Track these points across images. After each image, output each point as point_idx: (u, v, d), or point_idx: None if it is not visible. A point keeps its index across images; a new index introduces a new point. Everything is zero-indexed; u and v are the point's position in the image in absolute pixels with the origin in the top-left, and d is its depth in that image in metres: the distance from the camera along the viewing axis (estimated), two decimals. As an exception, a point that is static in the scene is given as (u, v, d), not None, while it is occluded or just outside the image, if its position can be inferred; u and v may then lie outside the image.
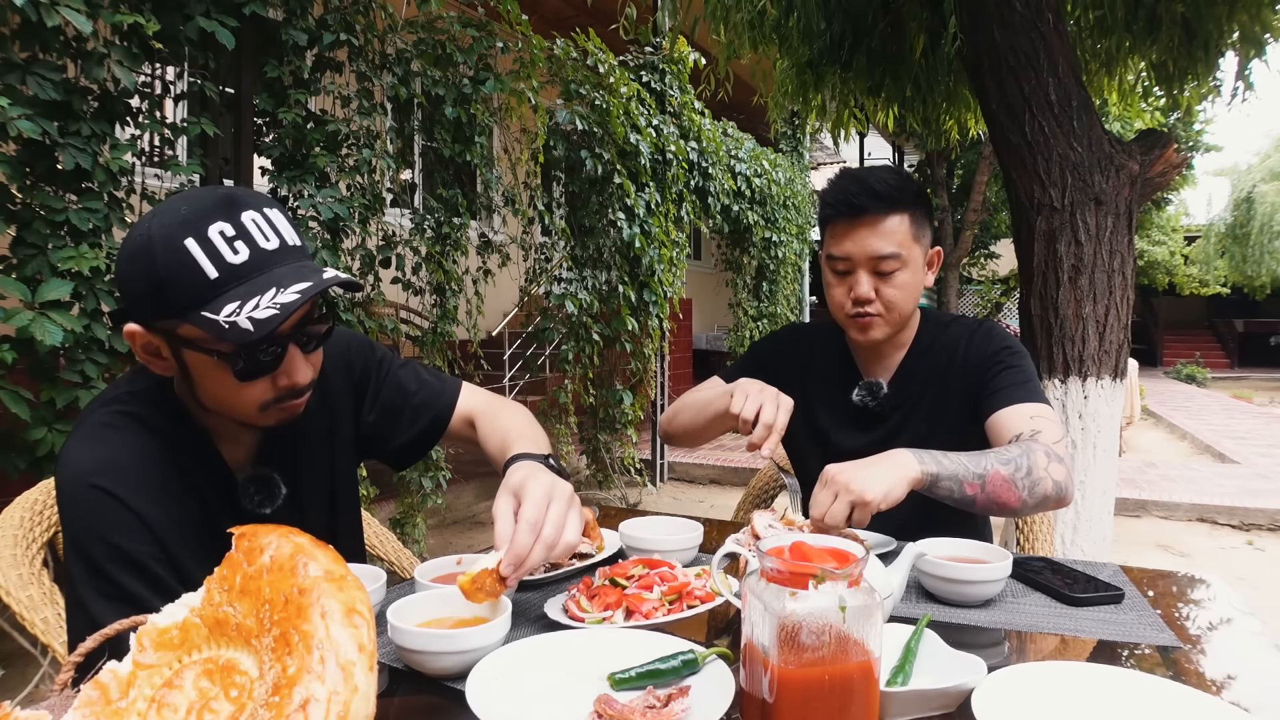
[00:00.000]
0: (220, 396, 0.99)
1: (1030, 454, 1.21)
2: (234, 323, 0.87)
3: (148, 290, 0.92)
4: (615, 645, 0.85)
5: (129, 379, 1.08)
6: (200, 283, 0.90)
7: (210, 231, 0.90)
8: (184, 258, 0.89)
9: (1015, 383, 1.40)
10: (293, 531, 0.70)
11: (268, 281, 0.91)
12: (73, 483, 0.95)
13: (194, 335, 0.93)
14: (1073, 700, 0.75)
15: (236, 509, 1.08)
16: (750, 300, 8.06)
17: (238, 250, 0.91)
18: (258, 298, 0.89)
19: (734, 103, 6.09)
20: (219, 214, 0.92)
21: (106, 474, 0.94)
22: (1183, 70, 2.97)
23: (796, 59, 3.47)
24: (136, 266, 0.92)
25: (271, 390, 0.99)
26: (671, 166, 5.39)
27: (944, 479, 1.15)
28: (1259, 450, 7.29)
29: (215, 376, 0.96)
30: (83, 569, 0.93)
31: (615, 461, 5.39)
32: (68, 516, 0.96)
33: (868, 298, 1.41)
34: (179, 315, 0.91)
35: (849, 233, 1.40)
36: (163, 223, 0.91)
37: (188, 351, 0.95)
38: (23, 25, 2.05)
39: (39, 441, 2.13)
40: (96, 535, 0.93)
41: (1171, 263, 18.13)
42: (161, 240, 0.90)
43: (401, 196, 3.67)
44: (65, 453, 0.98)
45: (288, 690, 0.56)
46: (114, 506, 0.94)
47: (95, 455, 0.96)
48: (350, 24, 3.03)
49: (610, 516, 1.46)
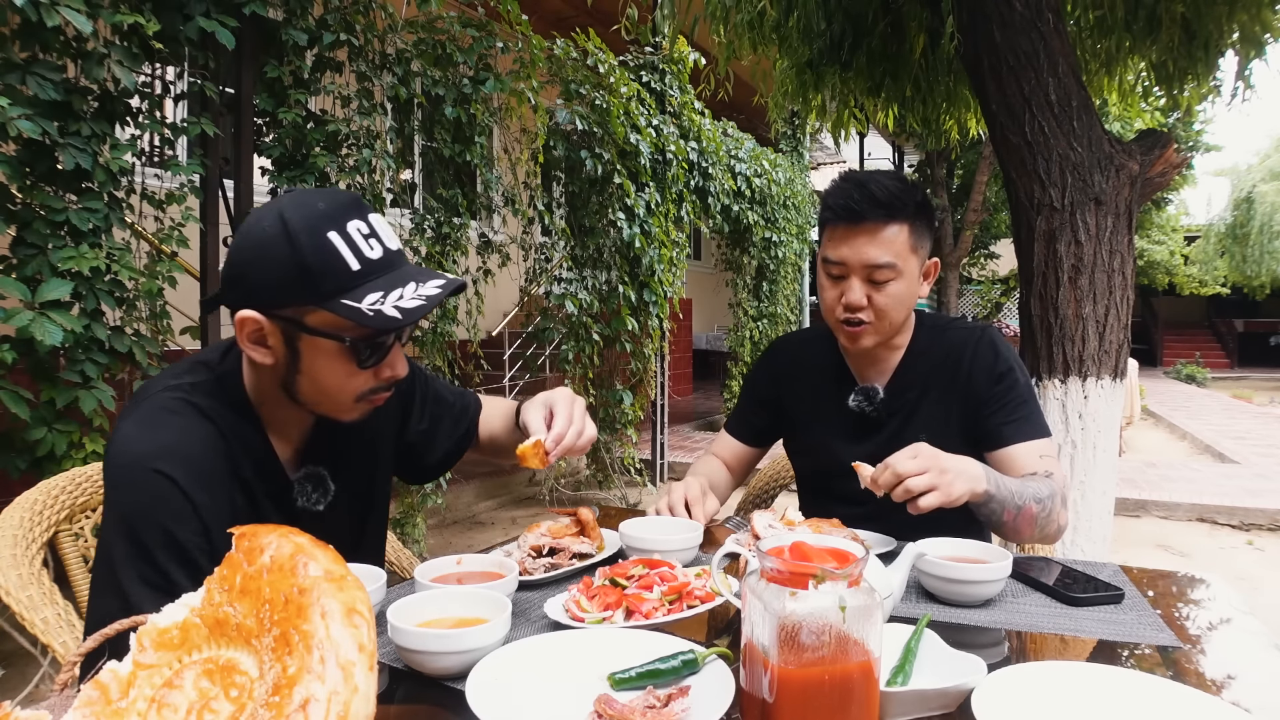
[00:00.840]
0: (325, 384, 1.03)
1: (1054, 498, 1.30)
2: (379, 310, 0.93)
3: (287, 277, 0.95)
4: (615, 645, 0.85)
5: (187, 369, 1.08)
6: (344, 272, 0.95)
7: (349, 227, 0.96)
8: (330, 248, 0.95)
9: (1023, 416, 1.41)
10: (293, 531, 0.70)
11: (402, 277, 0.98)
12: (133, 465, 0.95)
13: (324, 321, 0.97)
14: (1073, 700, 0.75)
15: (283, 505, 1.09)
16: (750, 300, 8.05)
17: (373, 247, 0.97)
18: (400, 289, 0.96)
19: (734, 103, 6.09)
20: (354, 212, 0.98)
21: (168, 459, 0.95)
22: (1183, 70, 2.97)
23: (796, 59, 3.47)
24: (273, 254, 0.95)
25: (373, 380, 1.04)
26: (671, 166, 5.38)
27: (994, 500, 1.22)
28: (1259, 450, 7.29)
29: (329, 364, 1.00)
30: (129, 552, 0.93)
31: (615, 461, 5.38)
32: (122, 498, 0.95)
33: (859, 305, 1.40)
34: (319, 301, 0.95)
35: (847, 238, 1.39)
36: (303, 215, 0.96)
37: (305, 338, 0.99)
38: (23, 25, 2.05)
39: (39, 441, 2.13)
40: (152, 521, 0.93)
41: (1171, 263, 18.14)
42: (305, 231, 0.95)
43: (401, 196, 3.67)
44: (123, 433, 0.99)
45: (288, 690, 0.56)
46: (173, 493, 0.94)
47: (157, 439, 0.97)
48: (350, 24, 3.03)
49: (610, 516, 1.46)
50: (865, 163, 13.98)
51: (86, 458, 2.19)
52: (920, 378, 1.49)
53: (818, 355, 1.59)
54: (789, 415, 1.61)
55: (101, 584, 0.96)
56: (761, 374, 1.68)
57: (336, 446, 1.17)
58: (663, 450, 6.41)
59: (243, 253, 0.98)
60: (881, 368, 1.52)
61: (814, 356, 1.59)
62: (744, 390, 1.73)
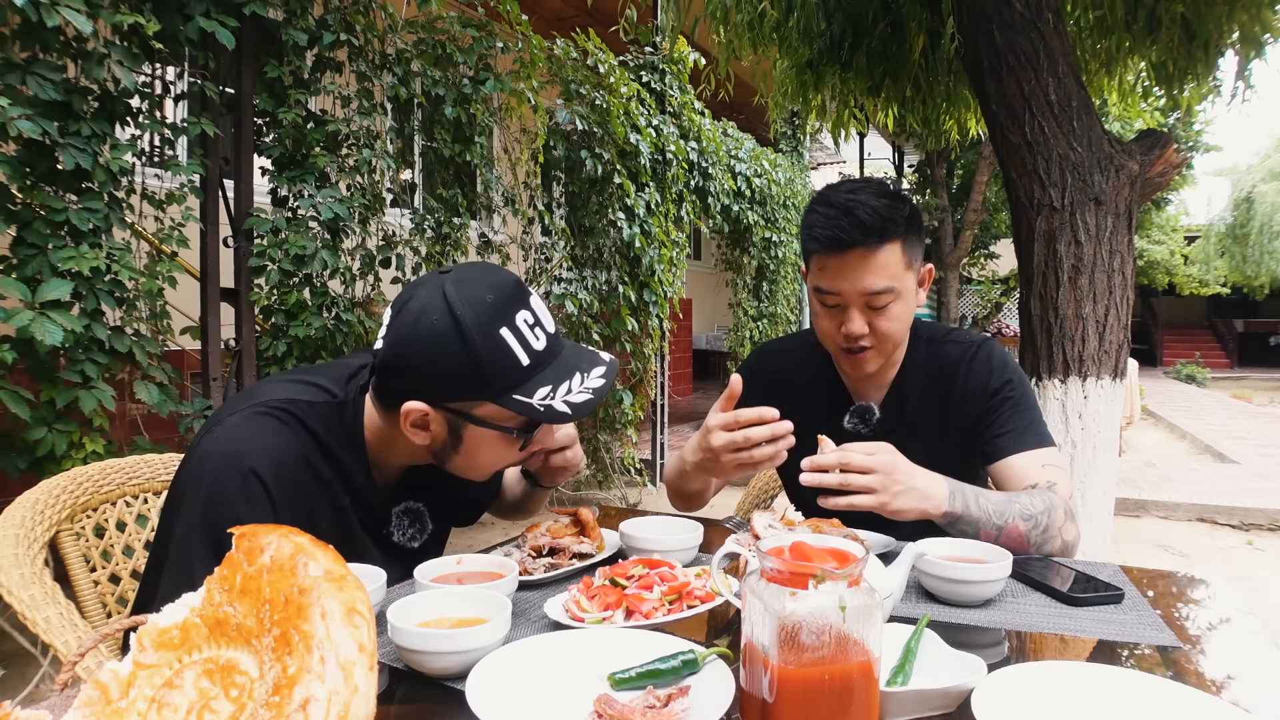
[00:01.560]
0: (481, 463, 1.06)
1: (1051, 513, 1.24)
2: (549, 405, 0.97)
3: (461, 374, 0.97)
4: (615, 645, 0.85)
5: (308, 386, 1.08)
6: (516, 369, 0.98)
7: (518, 320, 0.98)
8: (502, 346, 0.97)
9: (1022, 425, 1.36)
10: (293, 531, 0.70)
11: (568, 366, 1.01)
12: (229, 460, 0.96)
13: (493, 415, 1.00)
14: (1073, 700, 0.75)
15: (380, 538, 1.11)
16: (750, 300, 8.05)
17: (538, 337, 1.00)
18: (567, 382, 0.99)
19: (734, 103, 6.09)
20: (519, 302, 1.00)
21: (265, 463, 0.96)
22: (1183, 70, 2.97)
23: (796, 59, 3.47)
24: (446, 350, 0.96)
25: (520, 454, 1.08)
26: (671, 166, 5.38)
27: (963, 522, 1.19)
28: (1259, 450, 7.29)
29: (491, 448, 1.04)
30: (204, 544, 0.93)
31: (615, 461, 5.38)
32: (209, 490, 0.95)
33: (861, 334, 1.33)
34: (491, 398, 0.98)
35: (838, 269, 1.31)
36: (474, 312, 0.96)
37: (470, 427, 1.01)
38: (23, 25, 2.05)
39: (39, 441, 2.13)
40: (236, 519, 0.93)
41: (1171, 263, 18.13)
42: (478, 330, 0.96)
43: (401, 196, 3.67)
44: (224, 430, 0.99)
45: (288, 690, 0.56)
46: (262, 496, 0.95)
47: (258, 443, 0.98)
48: (350, 24, 3.03)
49: (610, 516, 1.46)
50: (865, 163, 13.97)
51: (86, 458, 2.19)
52: (916, 394, 1.44)
53: (811, 371, 1.51)
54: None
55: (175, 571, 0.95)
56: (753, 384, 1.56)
57: (433, 484, 1.18)
58: (663, 450, 6.41)
59: (414, 345, 0.98)
60: (877, 383, 1.47)
61: (807, 372, 1.52)
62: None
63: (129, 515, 1.36)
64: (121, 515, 1.35)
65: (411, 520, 1.13)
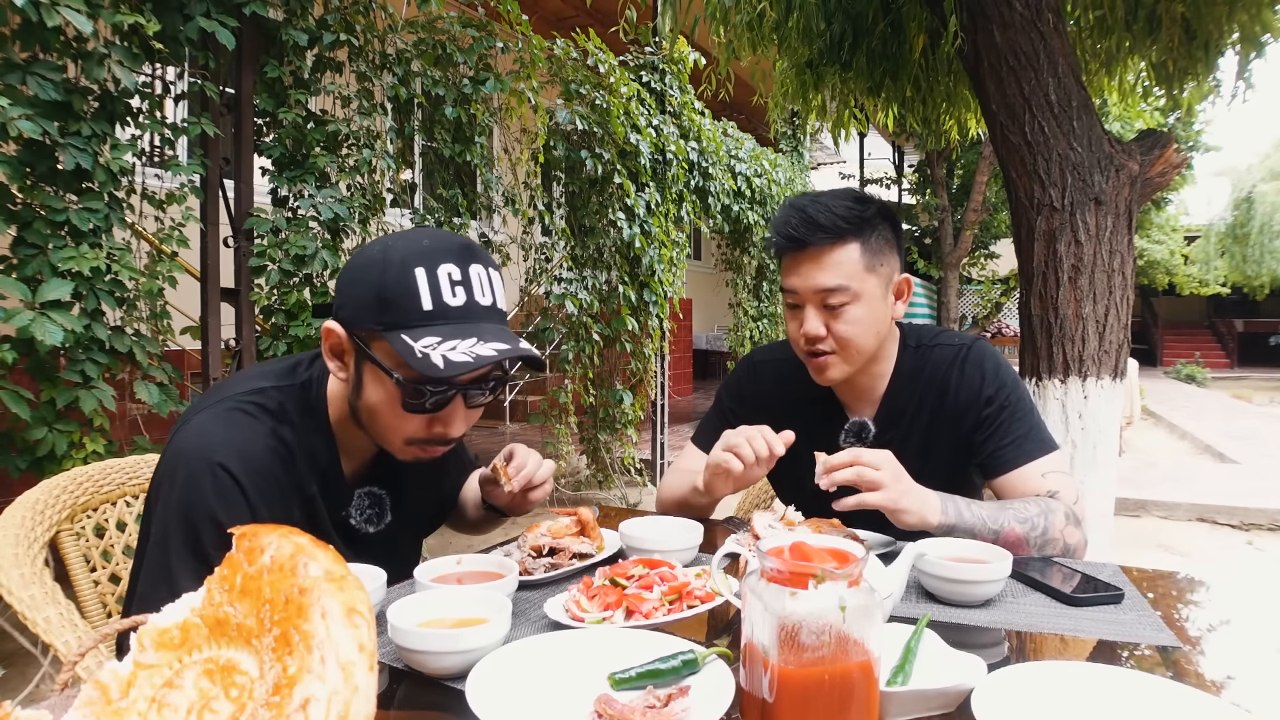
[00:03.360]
0: (378, 417, 1.03)
1: (1049, 515, 1.24)
2: (427, 354, 0.93)
3: (367, 299, 0.97)
4: (615, 645, 0.85)
5: (277, 372, 1.10)
6: (414, 310, 0.95)
7: (440, 269, 0.97)
8: (410, 282, 0.95)
9: (1019, 435, 1.34)
10: (293, 532, 0.70)
11: (471, 331, 0.97)
12: (199, 457, 0.96)
13: (384, 353, 0.98)
14: (1073, 700, 0.75)
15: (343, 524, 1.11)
16: (750, 300, 8.05)
17: (456, 295, 0.97)
18: (458, 341, 0.95)
19: (734, 103, 6.10)
20: (454, 257, 0.98)
21: (235, 459, 0.97)
22: (1183, 70, 2.97)
23: (796, 59, 3.47)
24: (366, 275, 0.98)
25: (424, 431, 1.03)
26: (671, 166, 5.38)
27: (959, 530, 1.20)
28: (1259, 450, 7.29)
29: (383, 399, 1.01)
30: (182, 544, 0.94)
31: (615, 461, 5.38)
32: (181, 489, 0.96)
33: (817, 335, 1.33)
34: (382, 330, 0.96)
35: (794, 266, 1.34)
36: (404, 246, 0.98)
37: (369, 366, 0.99)
38: (23, 25, 2.05)
39: (39, 441, 2.13)
40: (210, 516, 0.94)
41: (1171, 262, 18.13)
42: (398, 261, 0.96)
43: (401, 196, 3.67)
44: (193, 427, 1.00)
45: (288, 690, 0.56)
46: (234, 491, 0.96)
47: (227, 438, 0.98)
48: (350, 24, 3.03)
49: (610, 516, 1.46)
50: (865, 163, 13.98)
51: (87, 458, 2.19)
52: (910, 404, 1.42)
53: (804, 384, 1.47)
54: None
55: (153, 573, 0.96)
56: (746, 394, 1.58)
57: (400, 472, 1.18)
58: (663, 450, 6.41)
59: (349, 268, 1.01)
60: (870, 397, 1.45)
61: (800, 385, 1.48)
62: (722, 406, 1.60)
63: (129, 515, 1.36)
64: (122, 515, 1.35)
65: (371, 503, 1.13)
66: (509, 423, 7.30)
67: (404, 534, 1.23)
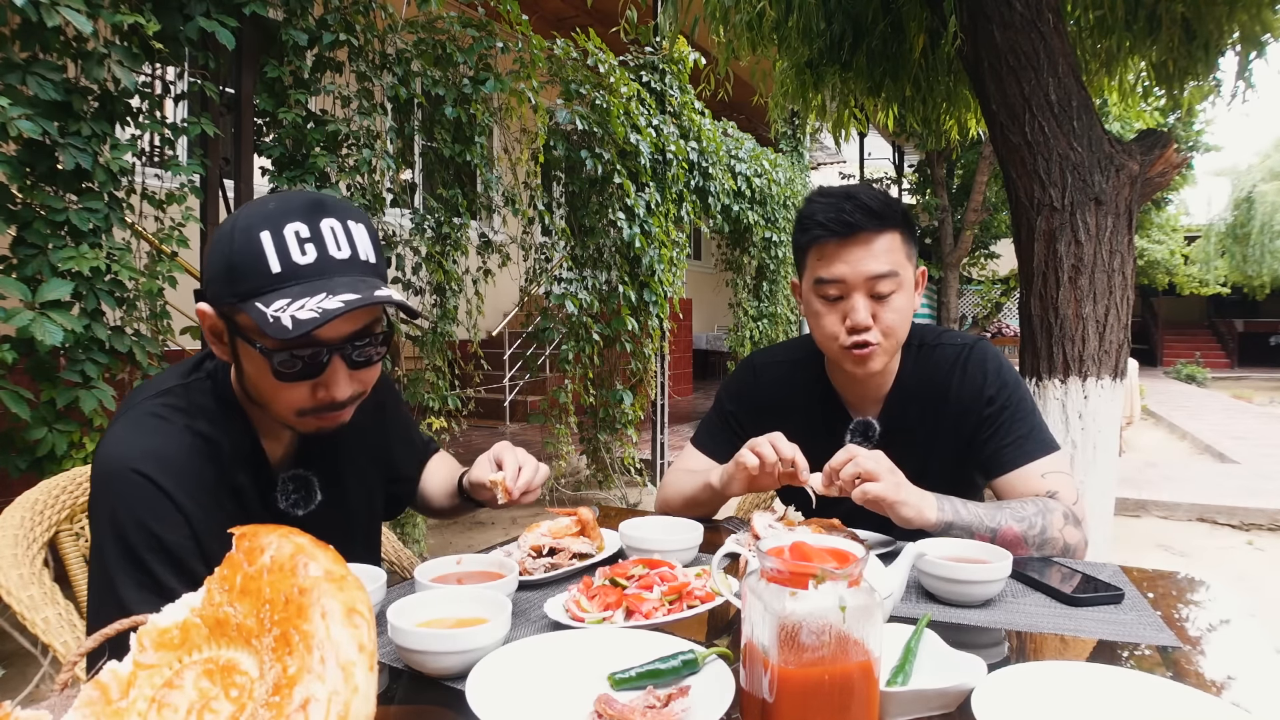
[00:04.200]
0: (262, 391, 1.01)
1: (1047, 514, 1.24)
2: (278, 318, 0.89)
3: (220, 273, 0.95)
4: (615, 645, 0.85)
5: (183, 370, 1.09)
6: (263, 274, 0.92)
7: (286, 229, 0.93)
8: (255, 248, 0.92)
9: (1023, 434, 1.34)
10: (293, 532, 0.70)
11: (322, 287, 0.92)
12: (115, 467, 0.95)
13: (247, 325, 0.95)
14: (1073, 700, 0.75)
15: (273, 508, 1.09)
16: (750, 300, 8.05)
17: (306, 252, 0.94)
18: (306, 299, 0.90)
19: (734, 103, 6.10)
20: (300, 215, 0.95)
21: (150, 462, 0.95)
22: (1183, 70, 2.97)
23: (796, 59, 3.47)
24: (217, 248, 0.96)
25: (310, 399, 1.00)
26: (671, 166, 5.38)
27: (956, 528, 1.20)
28: (1259, 450, 7.29)
29: (259, 371, 0.98)
30: (118, 555, 0.93)
31: (615, 461, 5.39)
32: (107, 501, 0.95)
33: (866, 324, 1.29)
34: (238, 301, 0.93)
35: (840, 253, 1.30)
36: (249, 212, 0.96)
37: (239, 341, 0.97)
38: (23, 25, 2.05)
39: (39, 441, 2.13)
40: (137, 522, 0.93)
41: (1171, 262, 18.13)
42: (243, 229, 0.94)
43: (401, 196, 3.67)
44: (109, 437, 0.99)
45: (288, 690, 0.56)
46: (156, 495, 0.94)
47: (141, 443, 0.97)
48: (350, 24, 3.03)
49: (610, 516, 1.46)
50: (865, 163, 13.98)
51: (86, 458, 2.19)
52: (913, 404, 1.41)
53: (805, 387, 1.47)
54: None
55: (98, 587, 0.96)
56: (747, 396, 1.56)
57: (330, 454, 1.16)
58: (663, 450, 6.41)
59: (207, 247, 1.01)
60: (874, 397, 1.44)
61: (801, 388, 1.48)
62: (723, 409, 1.59)
63: (129, 515, 1.36)
64: (121, 515, 1.35)
65: (296, 486, 1.11)
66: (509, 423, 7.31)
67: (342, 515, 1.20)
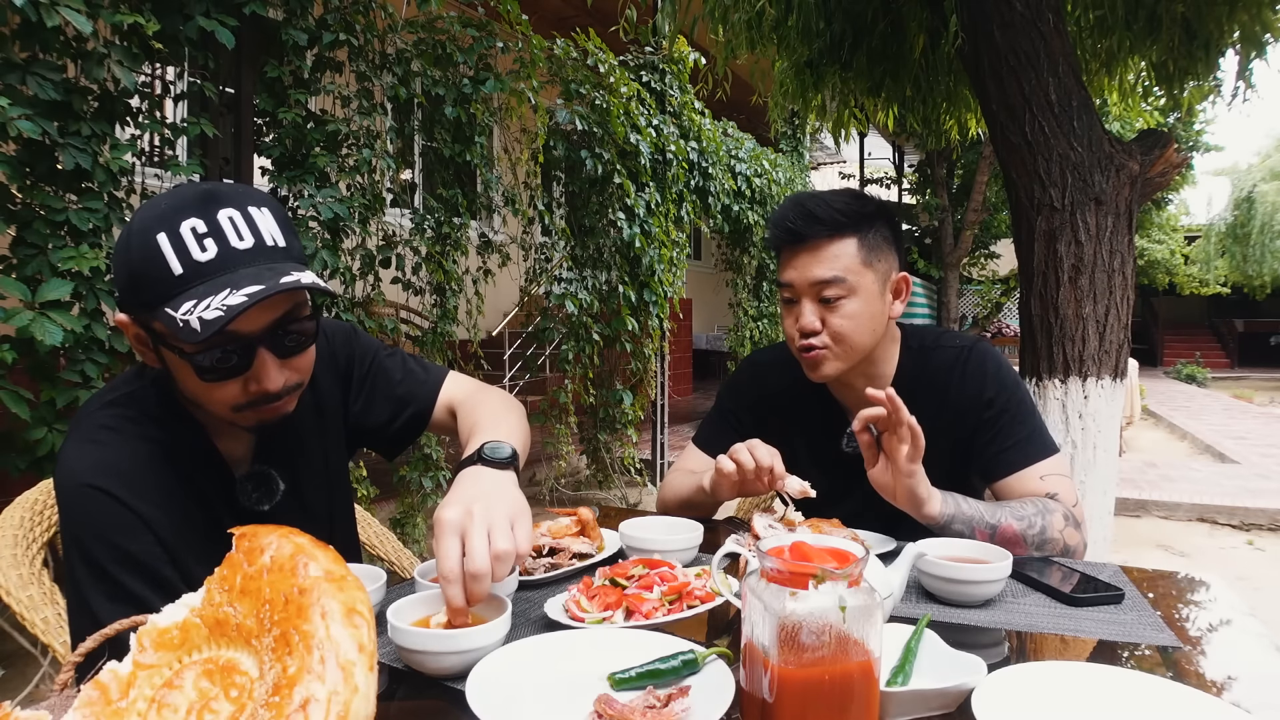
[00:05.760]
0: (195, 393, 0.98)
1: (1047, 514, 1.24)
2: (186, 321, 0.86)
3: (125, 282, 0.93)
4: (615, 645, 0.85)
5: (127, 378, 1.07)
6: (166, 278, 0.89)
7: (182, 228, 0.90)
8: (154, 252, 0.89)
9: (1020, 438, 1.34)
10: (293, 532, 0.70)
11: (225, 283, 0.88)
12: (70, 484, 0.94)
13: (163, 331, 0.92)
14: (1073, 700, 0.75)
15: (237, 507, 1.08)
16: (750, 300, 8.05)
17: (205, 248, 0.90)
18: (210, 298, 0.87)
19: (734, 103, 6.10)
20: (194, 210, 0.91)
21: (105, 475, 0.94)
22: (1183, 70, 2.97)
23: (796, 59, 3.47)
24: (118, 258, 0.93)
25: (243, 394, 0.97)
26: (671, 166, 5.39)
27: (958, 521, 1.21)
28: (1259, 450, 7.29)
29: (187, 374, 0.95)
30: (86, 571, 0.93)
31: (615, 461, 5.39)
32: (68, 518, 0.95)
33: (812, 328, 1.32)
34: (148, 310, 0.91)
35: (791, 260, 1.35)
36: (144, 215, 0.92)
37: (162, 348, 0.94)
38: (23, 25, 2.05)
39: (39, 441, 2.13)
40: (98, 536, 0.93)
41: (1171, 262, 18.14)
42: (139, 234, 0.90)
43: (401, 196, 3.67)
44: (63, 454, 0.98)
45: (288, 690, 0.56)
46: (114, 507, 0.93)
47: (93, 457, 0.96)
48: (350, 24, 3.03)
49: (610, 516, 1.46)
50: (865, 163, 13.98)
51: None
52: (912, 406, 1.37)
53: (807, 385, 1.45)
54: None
55: (72, 603, 0.96)
56: (747, 396, 1.57)
57: (288, 443, 1.15)
58: (663, 450, 6.41)
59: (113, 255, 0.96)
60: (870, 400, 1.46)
61: (802, 387, 1.47)
62: (723, 408, 1.60)
63: (129, 515, 1.36)
64: (121, 515, 1.35)
65: (256, 484, 1.09)
66: (509, 423, 7.29)
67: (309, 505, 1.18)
